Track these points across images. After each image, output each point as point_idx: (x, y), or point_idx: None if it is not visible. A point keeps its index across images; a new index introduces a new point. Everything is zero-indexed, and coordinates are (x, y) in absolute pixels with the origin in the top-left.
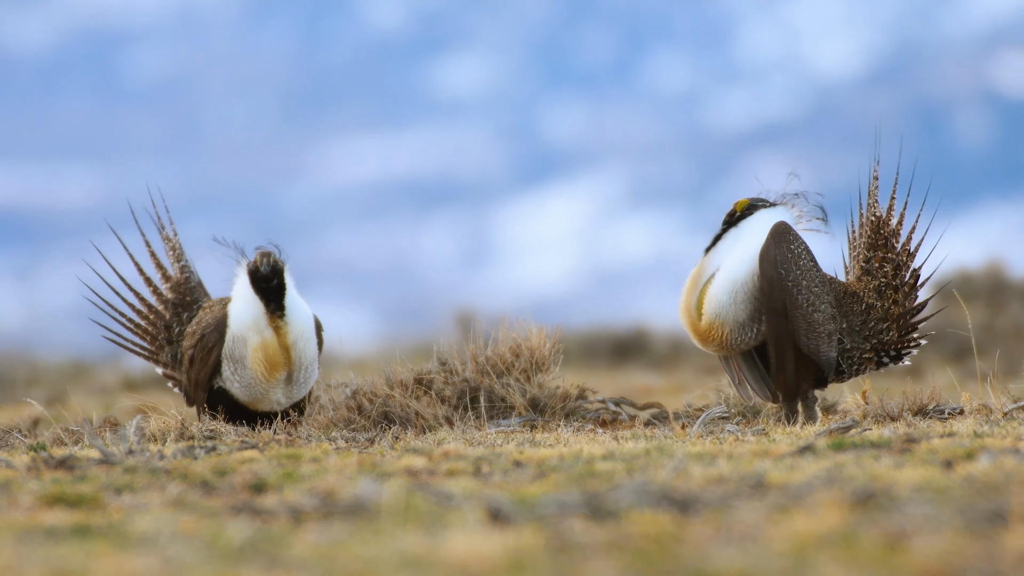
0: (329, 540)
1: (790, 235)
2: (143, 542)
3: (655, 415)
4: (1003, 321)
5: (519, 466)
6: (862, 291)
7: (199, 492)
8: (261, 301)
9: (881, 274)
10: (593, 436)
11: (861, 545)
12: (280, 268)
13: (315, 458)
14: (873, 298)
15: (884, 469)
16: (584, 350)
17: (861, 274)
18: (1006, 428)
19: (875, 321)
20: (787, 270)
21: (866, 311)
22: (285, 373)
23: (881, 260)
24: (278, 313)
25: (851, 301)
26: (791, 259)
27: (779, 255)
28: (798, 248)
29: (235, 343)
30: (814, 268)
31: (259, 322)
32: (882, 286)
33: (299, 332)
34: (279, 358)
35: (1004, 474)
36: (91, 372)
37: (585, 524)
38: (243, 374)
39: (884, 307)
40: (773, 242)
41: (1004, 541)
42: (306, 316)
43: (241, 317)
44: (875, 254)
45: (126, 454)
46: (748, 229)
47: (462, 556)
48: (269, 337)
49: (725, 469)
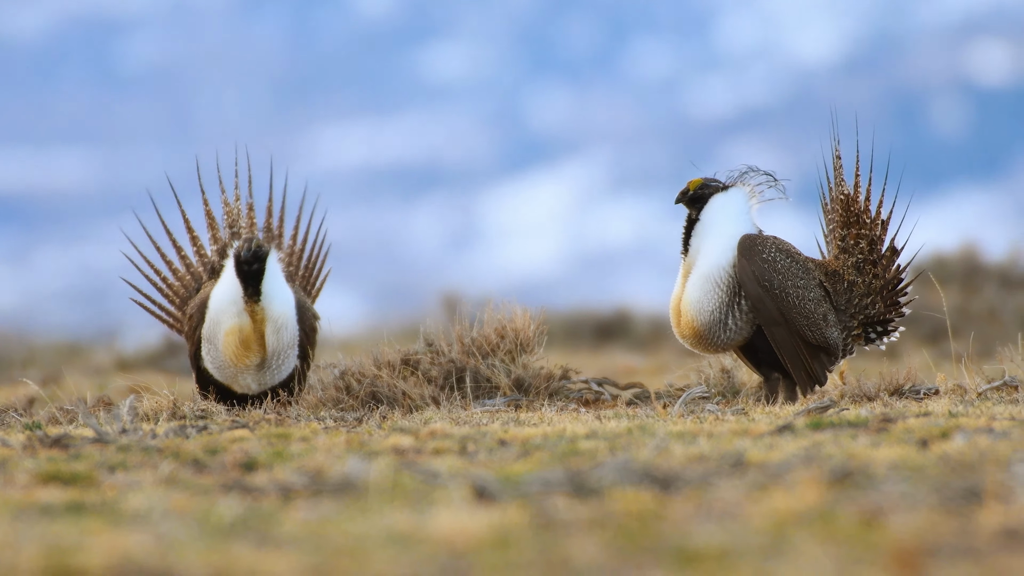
0: (318, 517)
1: (758, 245)
2: (136, 519)
3: (637, 395)
4: (977, 304)
5: (504, 445)
6: (841, 269)
7: (191, 470)
8: (240, 284)
9: (857, 250)
10: (576, 415)
11: (838, 522)
12: (263, 254)
13: (304, 437)
14: (853, 275)
15: (861, 448)
16: (568, 331)
17: (839, 252)
18: (980, 408)
19: (859, 297)
20: (769, 281)
21: (849, 288)
22: (258, 359)
23: (856, 237)
24: (254, 298)
25: (833, 280)
26: (768, 269)
27: (755, 270)
28: (770, 254)
29: (211, 324)
30: (792, 263)
31: (236, 305)
32: (860, 262)
33: (275, 319)
34: (251, 343)
35: (978, 453)
36: (85, 353)
37: (568, 501)
38: (215, 355)
39: (866, 282)
40: (746, 260)
41: (978, 518)
42: (286, 304)
43: (220, 299)
44: (849, 231)
45: (119, 433)
46: (712, 223)
47: (448, 533)
48: (244, 321)
49: (705, 448)
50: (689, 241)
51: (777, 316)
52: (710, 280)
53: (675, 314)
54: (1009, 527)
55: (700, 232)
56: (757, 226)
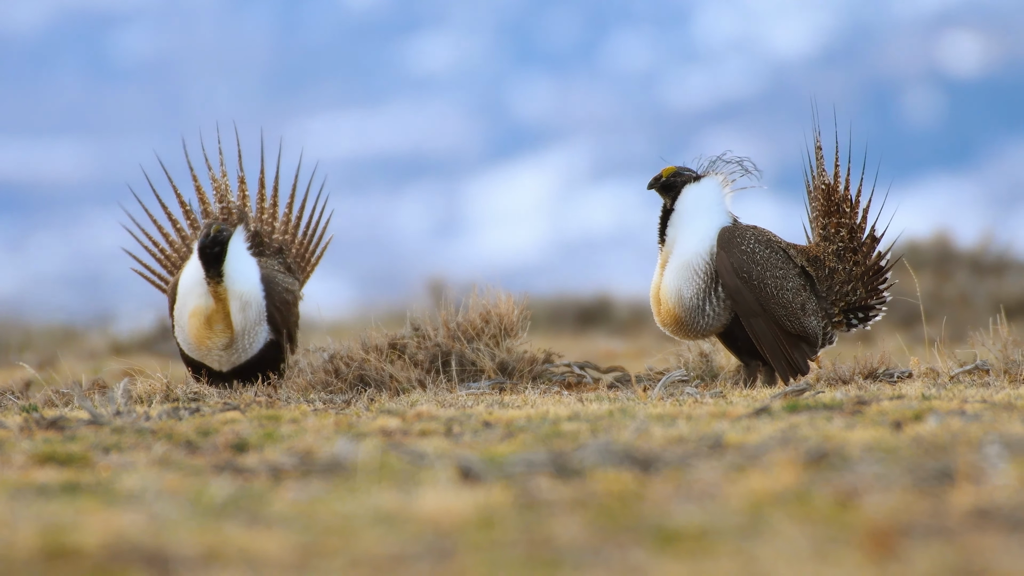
0: (307, 497)
1: (737, 237)
2: (130, 499)
3: (618, 378)
4: (949, 289)
5: (488, 427)
6: (822, 255)
7: (183, 451)
8: (202, 266)
9: (838, 238)
10: (559, 398)
11: (814, 502)
12: (223, 238)
13: (294, 419)
14: (834, 262)
15: (836, 430)
16: (550, 316)
17: (820, 240)
18: (952, 391)
19: (839, 284)
20: (748, 272)
21: (830, 275)
22: (225, 338)
23: (836, 225)
24: (216, 278)
25: (816, 265)
26: (747, 260)
27: (734, 262)
28: (749, 245)
29: (179, 306)
30: (771, 254)
31: (200, 286)
32: (840, 250)
33: (240, 296)
34: (215, 323)
35: (950, 434)
36: (81, 337)
37: (551, 482)
38: (183, 336)
39: (846, 269)
40: (725, 253)
41: (950, 498)
42: (250, 282)
43: (186, 281)
44: (830, 220)
45: (114, 415)
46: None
47: (434, 512)
48: (208, 303)
49: (684, 430)
50: (665, 232)
51: (756, 307)
52: (688, 268)
53: (655, 303)
54: (981, 507)
55: (675, 223)
56: (732, 215)
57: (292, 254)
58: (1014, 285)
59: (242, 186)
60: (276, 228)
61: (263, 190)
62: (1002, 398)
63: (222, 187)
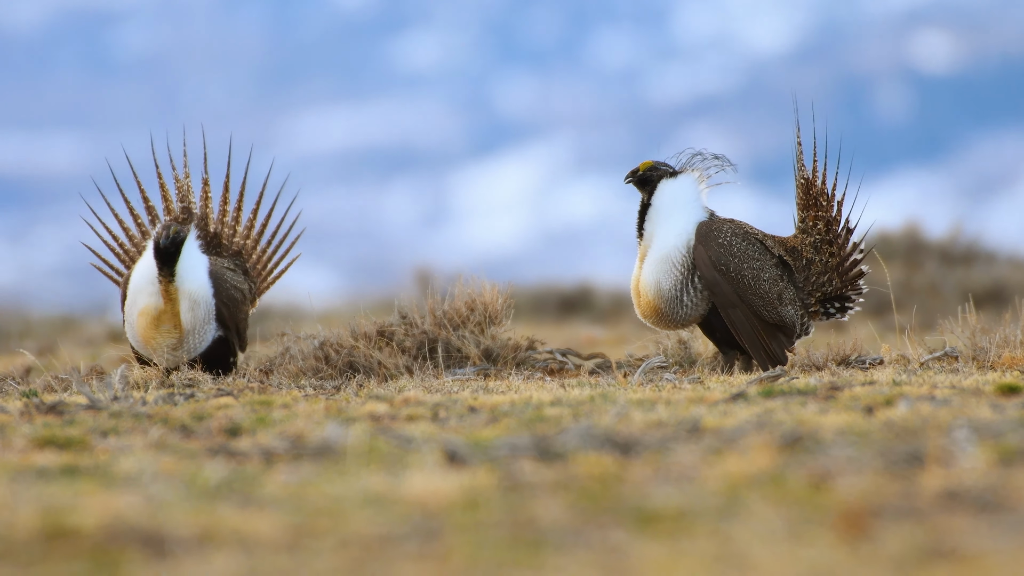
0: (298, 480)
1: (714, 231)
2: (127, 481)
3: (599, 365)
4: (919, 279)
5: (473, 411)
6: (800, 246)
7: (178, 435)
8: (156, 264)
9: (816, 231)
10: (542, 384)
11: (789, 485)
12: (180, 240)
13: (285, 404)
14: (811, 253)
15: (810, 415)
16: (533, 305)
17: (798, 232)
18: (922, 377)
19: (816, 275)
20: (726, 265)
21: (807, 266)
22: (174, 338)
23: (814, 218)
24: (169, 277)
25: (794, 256)
26: (724, 253)
27: (712, 255)
28: (726, 239)
29: (129, 303)
30: (748, 246)
31: (152, 285)
32: (818, 242)
33: (190, 295)
34: (164, 321)
35: (921, 419)
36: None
37: (534, 465)
38: (132, 333)
39: (823, 260)
40: (703, 247)
41: (921, 481)
42: (199, 281)
43: (138, 279)
44: (808, 213)
45: (111, 400)
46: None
47: (421, 494)
48: (158, 302)
49: (663, 414)
50: (643, 226)
51: (734, 298)
52: (667, 261)
53: (635, 294)
54: (950, 489)
55: (653, 217)
56: (708, 209)
57: (252, 260)
58: (982, 275)
59: (205, 188)
60: (238, 232)
61: (227, 193)
62: (970, 384)
63: (184, 187)
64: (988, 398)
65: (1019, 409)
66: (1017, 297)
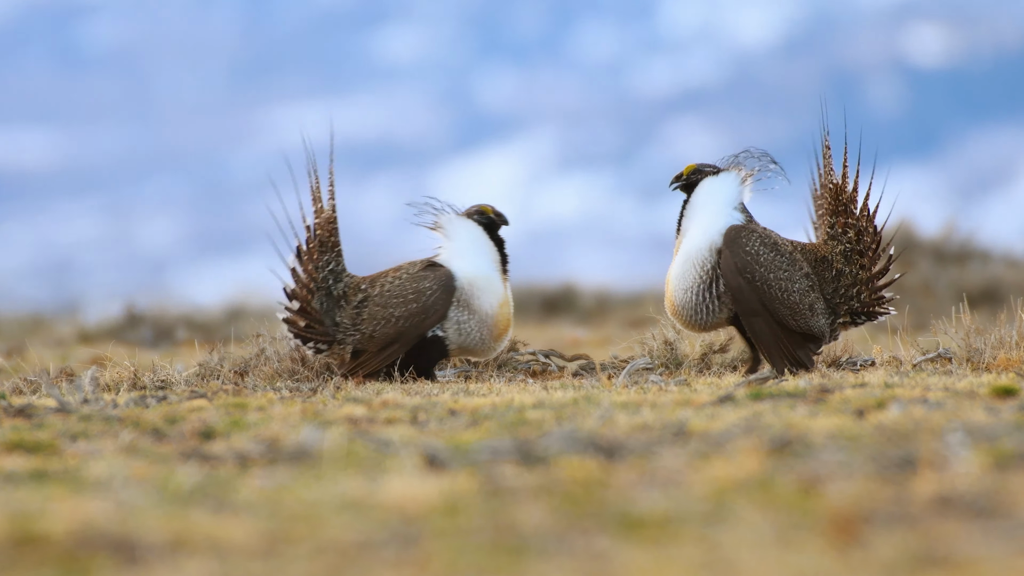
0: (274, 484)
1: (742, 237)
2: (97, 486)
3: (583, 366)
4: (912, 278)
5: (454, 414)
6: (830, 255)
7: (150, 439)
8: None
9: (846, 239)
10: (524, 386)
11: (777, 490)
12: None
13: (261, 407)
14: (841, 263)
15: (799, 418)
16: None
17: (827, 238)
18: (915, 379)
19: (845, 288)
20: (752, 273)
21: (836, 277)
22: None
23: (844, 225)
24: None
25: (823, 267)
26: (751, 261)
27: (738, 262)
28: (753, 247)
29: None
30: (776, 256)
31: (498, 274)
32: (848, 251)
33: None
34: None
35: (913, 422)
36: (48, 325)
37: (516, 469)
38: (487, 329)
39: (852, 272)
40: (729, 252)
41: (913, 486)
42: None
43: (478, 271)
44: (837, 219)
45: (81, 403)
46: (699, 205)
47: (400, 499)
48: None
49: (649, 417)
50: (681, 222)
51: (757, 307)
52: (690, 261)
53: (666, 290)
54: (942, 494)
55: (689, 214)
56: (746, 213)
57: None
58: (976, 274)
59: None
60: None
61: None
62: (964, 386)
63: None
64: (983, 401)
65: (1015, 412)
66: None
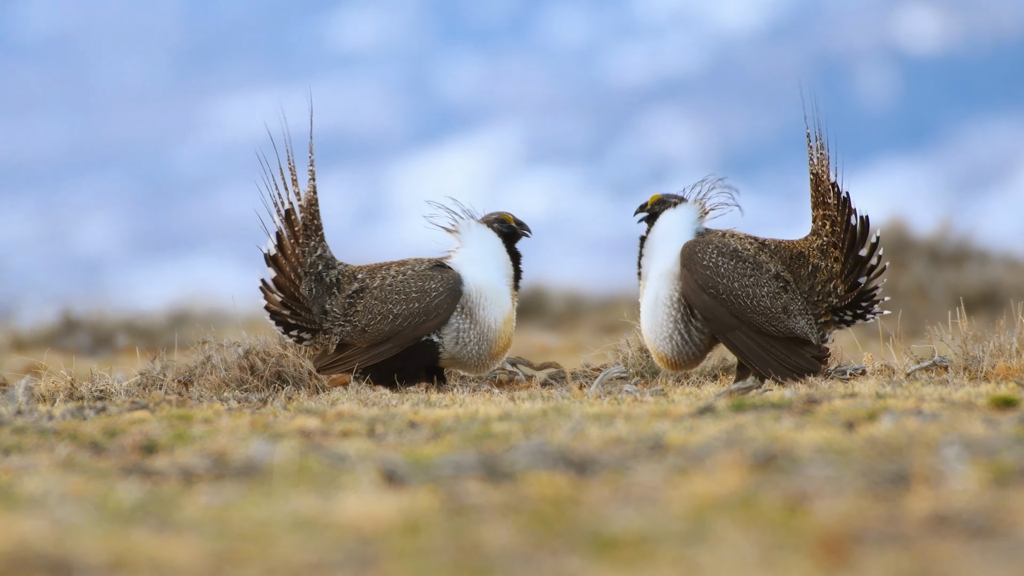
0: (221, 502)
1: (697, 252)
2: (32, 503)
3: (552, 375)
4: (906, 280)
5: (414, 427)
6: (807, 250)
7: (89, 453)
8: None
9: (824, 232)
10: (489, 396)
11: (761, 507)
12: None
13: (207, 419)
14: (818, 258)
15: (785, 430)
16: None
17: (809, 233)
18: (908, 389)
19: (821, 284)
20: (715, 287)
21: (812, 274)
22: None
23: (822, 218)
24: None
25: (798, 264)
26: (710, 275)
27: (699, 279)
28: (711, 259)
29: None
30: (738, 263)
31: (507, 286)
32: (825, 244)
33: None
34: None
35: (906, 435)
36: None
37: (481, 485)
38: (488, 343)
39: (828, 266)
40: (687, 271)
41: (906, 503)
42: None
43: (487, 282)
44: (817, 212)
45: (14, 414)
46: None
47: (356, 518)
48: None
49: (623, 430)
50: (640, 262)
51: (731, 321)
52: (659, 303)
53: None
54: (938, 512)
55: (647, 252)
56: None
57: None
58: (974, 276)
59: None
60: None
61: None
62: (961, 396)
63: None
64: (981, 412)
65: (1015, 424)
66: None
